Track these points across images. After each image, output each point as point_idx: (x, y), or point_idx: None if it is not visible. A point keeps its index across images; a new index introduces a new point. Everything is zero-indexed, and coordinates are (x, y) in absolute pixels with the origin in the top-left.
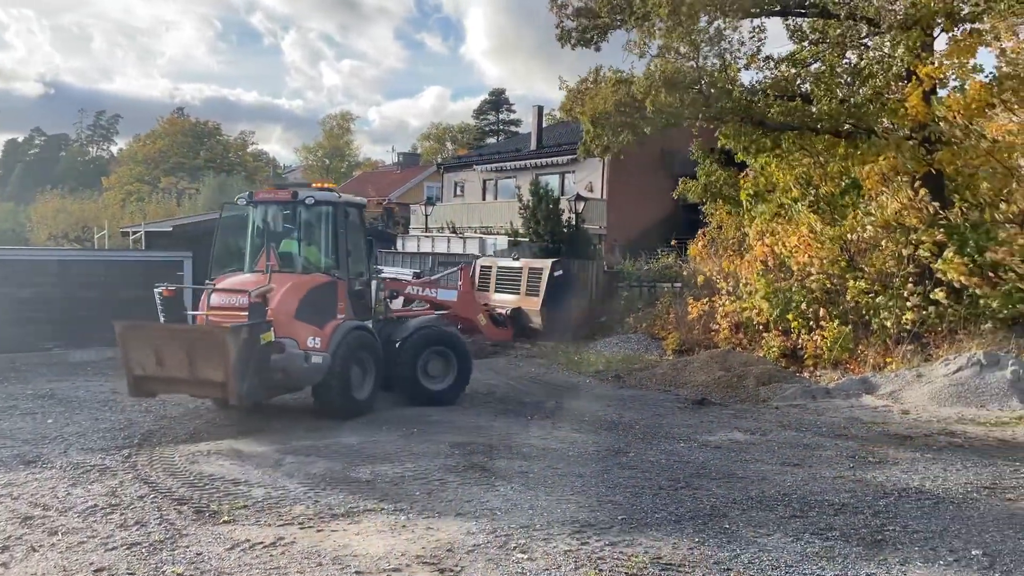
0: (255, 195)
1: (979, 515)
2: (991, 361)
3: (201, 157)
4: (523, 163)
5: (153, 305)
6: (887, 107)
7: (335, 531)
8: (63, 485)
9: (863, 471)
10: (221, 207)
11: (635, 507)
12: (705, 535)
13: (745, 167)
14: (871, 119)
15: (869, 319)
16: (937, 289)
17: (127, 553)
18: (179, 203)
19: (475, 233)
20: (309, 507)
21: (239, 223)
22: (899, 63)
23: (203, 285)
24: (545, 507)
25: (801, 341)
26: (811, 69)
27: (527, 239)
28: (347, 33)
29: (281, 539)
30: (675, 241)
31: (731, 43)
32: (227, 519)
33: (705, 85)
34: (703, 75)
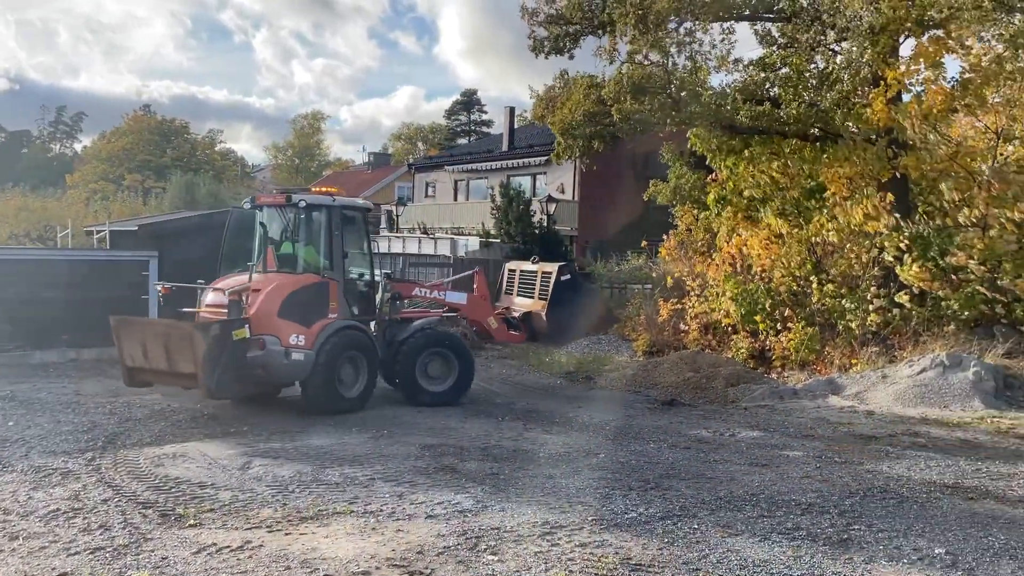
0: (257, 199)
1: (942, 514)
2: (954, 362)
3: (168, 155)
4: (495, 164)
5: (117, 304)
6: (853, 111)
7: (304, 534)
8: (24, 489)
9: (829, 471)
10: (230, 210)
11: (605, 508)
12: (674, 535)
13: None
14: (838, 123)
15: (835, 321)
16: (901, 292)
17: (90, 558)
18: (145, 202)
19: (446, 234)
20: (277, 510)
21: (241, 225)
22: (866, 68)
23: (198, 284)
24: (515, 508)
25: (769, 343)
26: (780, 73)
27: (499, 240)
28: (321, 32)
29: (248, 543)
30: (646, 243)
31: (701, 45)
32: (193, 523)
33: (675, 89)
34: (673, 79)
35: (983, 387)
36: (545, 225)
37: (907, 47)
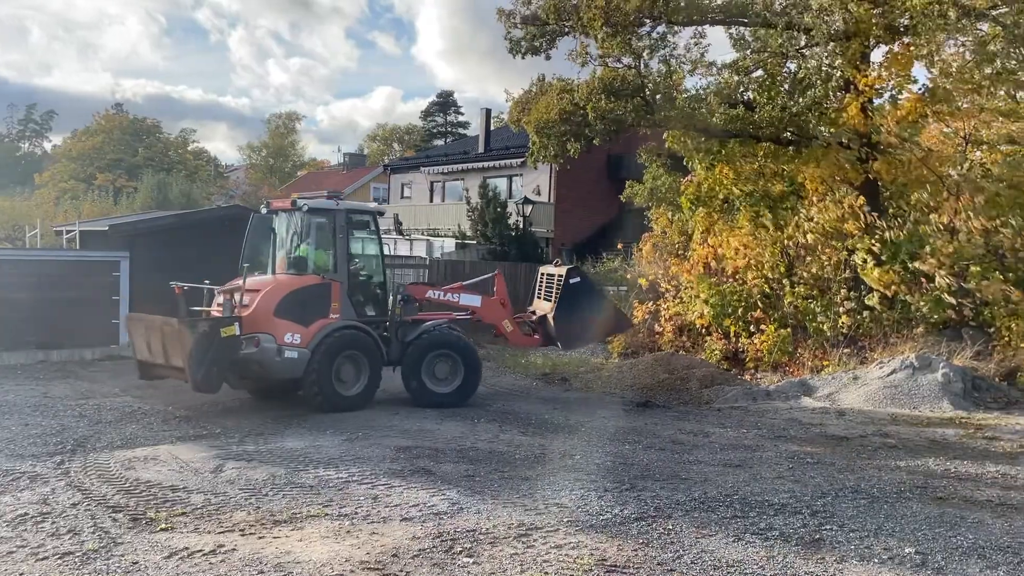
0: (271, 204)
1: (912, 514)
2: (923, 364)
3: (140, 155)
4: (471, 166)
5: (87, 306)
6: (826, 116)
7: (277, 537)
8: None
9: (802, 471)
10: (252, 215)
11: (580, 509)
12: (649, 536)
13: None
14: (811, 127)
15: (806, 324)
16: (871, 294)
17: (59, 563)
18: (116, 201)
19: (422, 235)
20: (250, 513)
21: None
22: (838, 74)
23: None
24: (491, 510)
25: (742, 344)
26: (753, 77)
27: (475, 242)
28: (297, 31)
29: (221, 547)
30: (621, 245)
31: (675, 48)
32: (164, 527)
33: (649, 92)
34: (647, 82)
35: (951, 388)
36: (521, 227)
37: (878, 54)
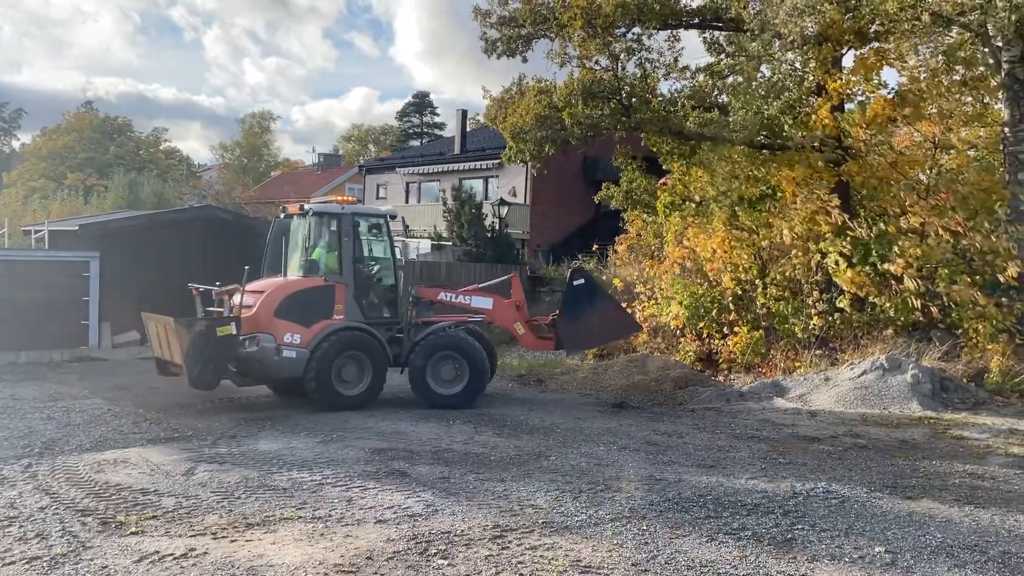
0: (286, 210)
1: (881, 513)
2: (893, 365)
3: (111, 153)
4: (447, 167)
5: (56, 307)
6: (799, 119)
7: (250, 541)
8: None
9: (774, 472)
10: (272, 220)
11: (555, 510)
12: (623, 537)
13: (667, 173)
14: (785, 131)
15: (777, 326)
16: (842, 296)
17: (26, 568)
18: (86, 201)
19: (397, 236)
20: (223, 516)
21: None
22: (811, 77)
23: (215, 287)
24: (466, 512)
25: (715, 346)
26: (727, 81)
27: (450, 243)
28: (274, 31)
29: (192, 550)
30: (596, 247)
31: (650, 51)
32: (135, 530)
33: (625, 95)
34: (623, 85)
35: (920, 389)
36: (497, 228)
37: (849, 59)
